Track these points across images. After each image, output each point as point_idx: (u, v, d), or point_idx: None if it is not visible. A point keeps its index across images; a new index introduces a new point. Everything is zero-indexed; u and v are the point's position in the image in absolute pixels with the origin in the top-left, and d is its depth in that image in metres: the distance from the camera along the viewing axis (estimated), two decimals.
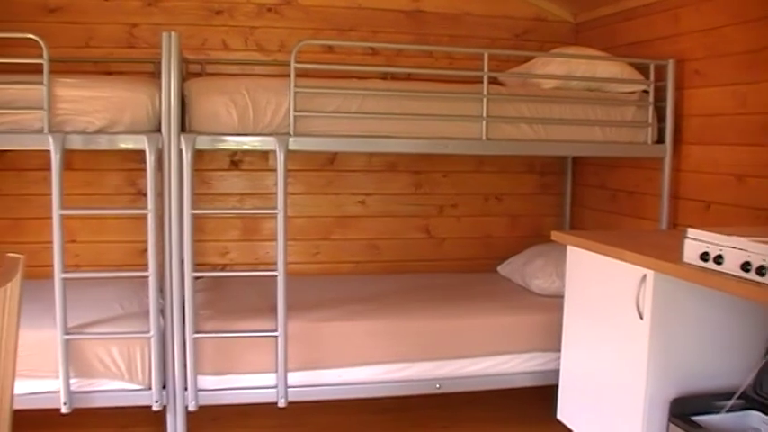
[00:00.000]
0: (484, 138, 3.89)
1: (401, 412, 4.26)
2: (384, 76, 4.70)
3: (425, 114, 3.85)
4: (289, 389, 3.71)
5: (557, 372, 3.79)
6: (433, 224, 5.28)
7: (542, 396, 4.00)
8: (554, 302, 4.00)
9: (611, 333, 3.26)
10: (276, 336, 3.65)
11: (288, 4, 4.93)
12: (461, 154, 4.63)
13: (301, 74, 3.70)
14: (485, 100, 3.88)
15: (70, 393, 3.54)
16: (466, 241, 5.34)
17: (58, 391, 3.52)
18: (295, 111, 3.66)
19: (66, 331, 3.51)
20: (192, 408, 3.66)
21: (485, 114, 3.88)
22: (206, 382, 3.71)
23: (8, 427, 2.32)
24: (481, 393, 4.11)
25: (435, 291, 4.57)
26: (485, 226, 5.35)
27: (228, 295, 4.27)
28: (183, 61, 4.09)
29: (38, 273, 3.60)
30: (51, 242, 3.46)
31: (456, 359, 3.95)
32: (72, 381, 3.56)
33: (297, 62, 3.65)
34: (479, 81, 3.93)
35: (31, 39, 3.47)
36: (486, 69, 3.91)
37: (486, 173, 5.31)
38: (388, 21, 5.04)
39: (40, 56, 3.44)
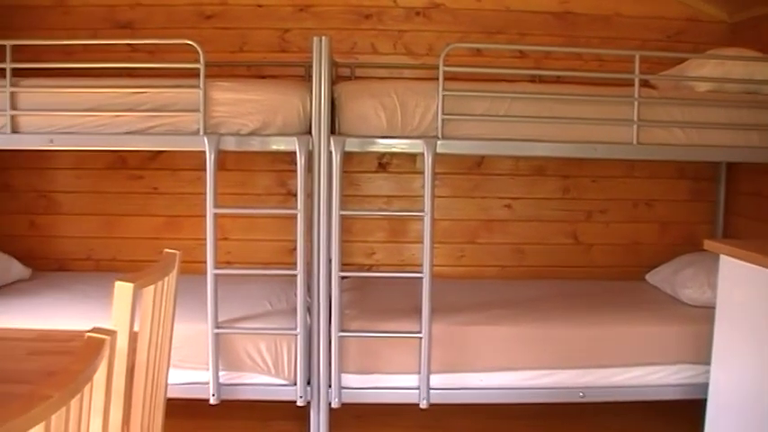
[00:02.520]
0: (635, 142, 3.79)
1: (541, 419, 4.19)
2: (532, 79, 4.64)
3: (574, 118, 3.79)
4: (431, 391, 3.72)
5: (706, 386, 3.66)
6: (580, 230, 5.18)
7: (689, 410, 3.86)
8: (704, 313, 3.85)
9: (765, 347, 3.13)
10: (420, 337, 3.66)
11: (436, 8, 4.95)
12: (611, 158, 4.53)
13: (449, 77, 3.70)
14: (636, 103, 3.78)
15: (219, 385, 3.65)
16: (614, 248, 5.21)
17: (208, 383, 3.64)
18: (443, 114, 3.66)
19: (217, 325, 3.63)
20: (335, 405, 3.72)
21: (636, 118, 3.77)
22: (349, 380, 3.76)
23: (162, 413, 2.41)
24: (624, 404, 4.01)
25: (581, 298, 4.48)
26: (634, 233, 5.21)
27: (373, 296, 4.32)
28: (334, 65, 4.15)
29: (192, 268, 3.73)
30: (205, 239, 3.59)
31: (601, 368, 3.86)
32: (221, 373, 3.67)
33: (445, 65, 3.65)
34: (630, 84, 3.82)
35: (189, 44, 3.61)
36: (637, 72, 3.81)
37: (636, 178, 5.16)
38: (536, 23, 4.98)
39: (197, 60, 3.58)
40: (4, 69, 3.65)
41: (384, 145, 3.77)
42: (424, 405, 3.72)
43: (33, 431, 1.20)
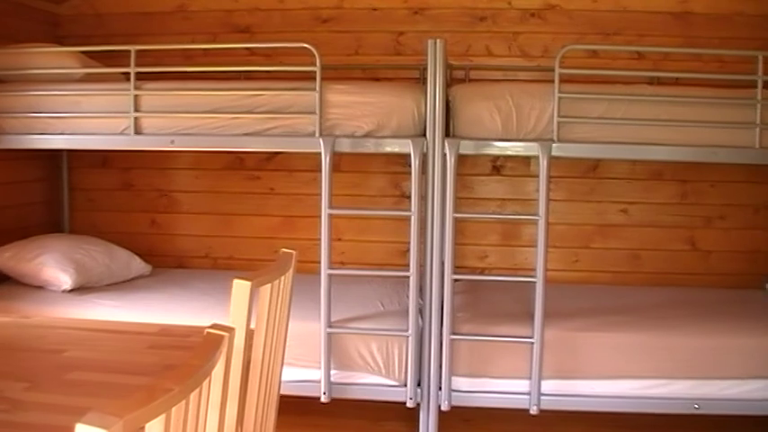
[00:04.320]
0: (757, 146, 3.65)
1: (652, 430, 4.09)
2: (650, 81, 4.53)
3: (694, 121, 3.68)
4: (541, 397, 3.68)
5: None
6: (698, 236, 5.03)
7: None
8: None
9: None
10: (532, 343, 3.62)
11: (551, 9, 4.89)
12: (732, 163, 4.40)
13: (565, 79, 3.66)
14: (759, 105, 3.64)
15: (330, 384, 3.70)
16: (733, 255, 5.03)
17: (319, 381, 3.69)
18: (559, 116, 3.61)
19: (330, 325, 3.67)
20: (444, 407, 3.71)
21: (758, 121, 3.64)
22: (460, 383, 3.75)
23: (275, 409, 2.45)
24: (741, 418, 3.86)
25: (698, 306, 4.35)
26: (754, 240, 5.02)
27: (485, 299, 4.30)
28: (448, 67, 4.15)
29: (306, 268, 3.75)
30: (319, 239, 3.64)
31: (718, 380, 3.72)
32: (332, 372, 3.71)
33: (561, 67, 3.61)
34: (752, 86, 3.68)
35: (305, 47, 3.67)
36: (760, 72, 3.66)
37: (758, 183, 4.96)
38: (654, 23, 4.85)
39: (313, 64, 3.64)
40: (128, 73, 3.79)
41: (499, 148, 3.74)
42: (534, 411, 3.68)
43: (154, 423, 1.24)
